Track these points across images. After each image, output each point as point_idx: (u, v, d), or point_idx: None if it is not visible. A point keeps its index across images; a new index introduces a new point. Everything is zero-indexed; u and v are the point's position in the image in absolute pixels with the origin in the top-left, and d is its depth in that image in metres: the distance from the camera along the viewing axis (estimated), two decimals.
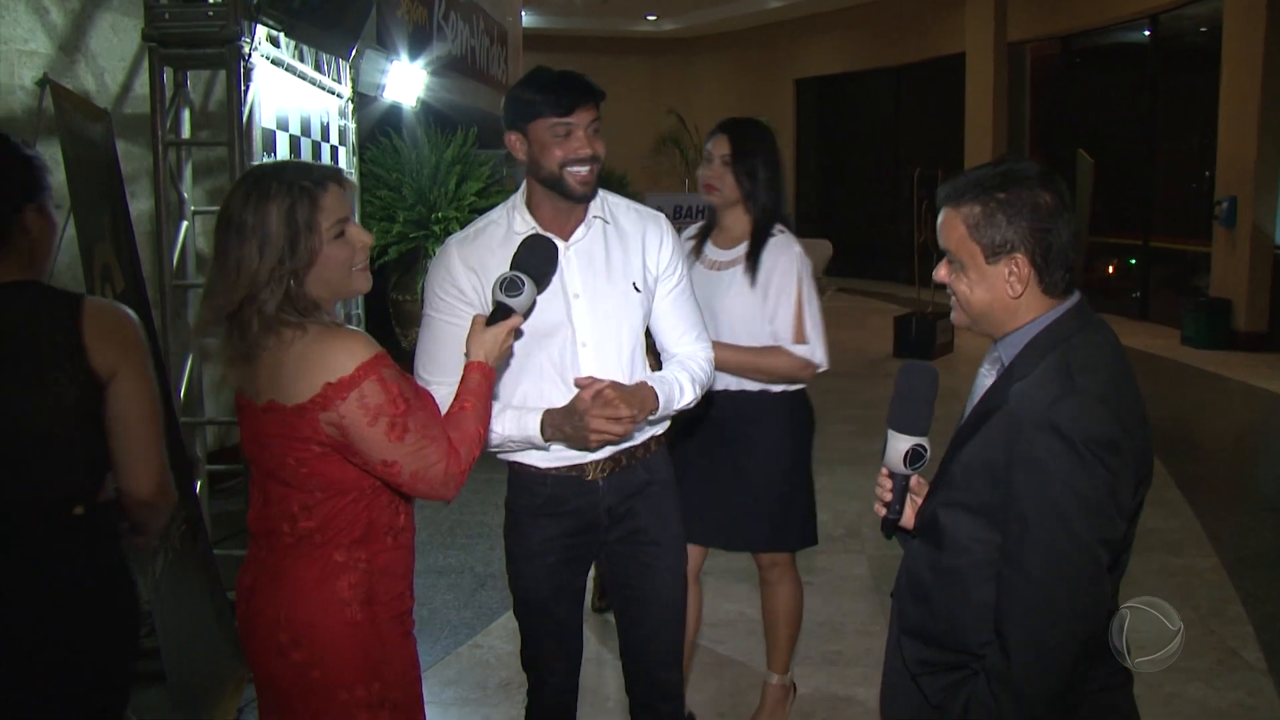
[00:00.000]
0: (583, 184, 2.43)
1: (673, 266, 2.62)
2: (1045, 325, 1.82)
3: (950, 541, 1.86)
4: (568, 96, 2.39)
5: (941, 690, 1.90)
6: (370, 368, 1.95)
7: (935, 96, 17.64)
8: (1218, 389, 9.53)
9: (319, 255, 1.98)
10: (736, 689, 3.95)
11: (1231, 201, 11.09)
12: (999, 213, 1.79)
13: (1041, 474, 1.68)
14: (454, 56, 11.49)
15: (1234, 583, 4.92)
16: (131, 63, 5.75)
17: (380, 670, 2.07)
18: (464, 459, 2.07)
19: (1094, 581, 1.72)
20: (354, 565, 2.05)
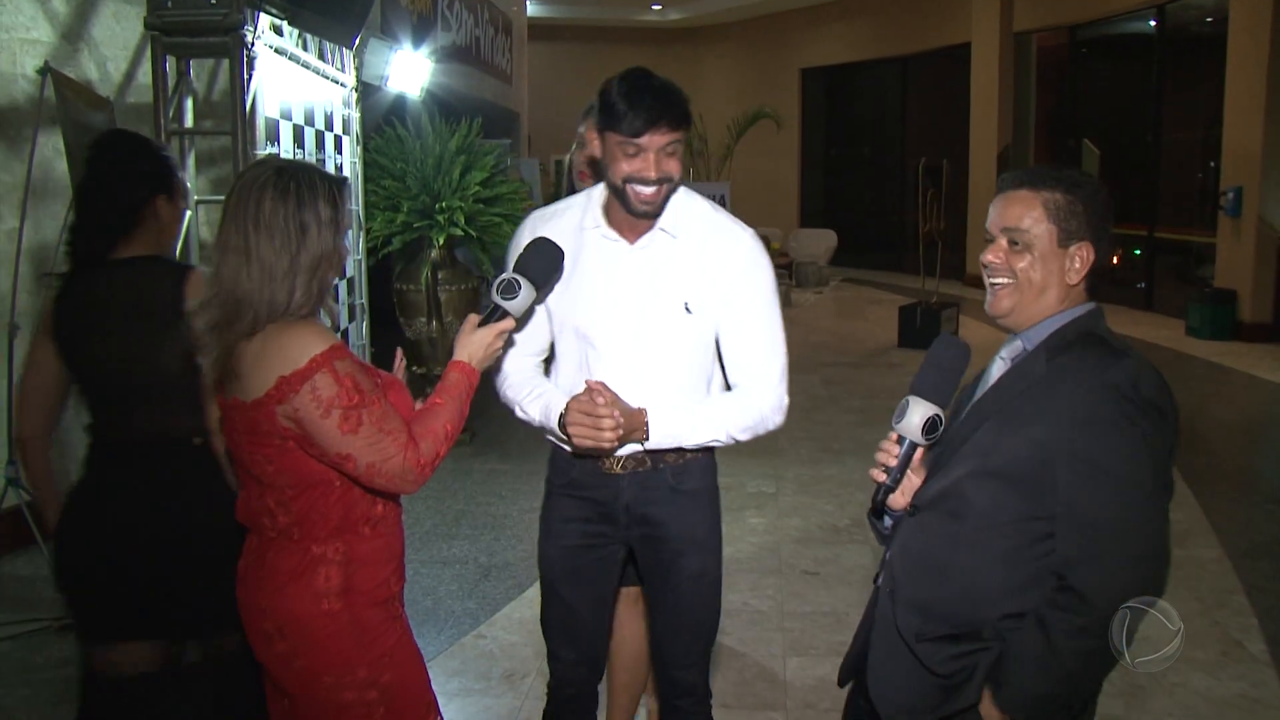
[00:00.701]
0: (644, 203, 2.37)
1: (738, 292, 2.48)
2: (1074, 318, 1.95)
3: (976, 512, 1.92)
4: (642, 119, 2.30)
5: (950, 659, 1.92)
6: (323, 360, 1.94)
7: (941, 86, 17.60)
8: (1222, 380, 9.51)
9: (344, 257, 2.07)
10: (742, 679, 3.95)
11: (1237, 192, 11.05)
12: (1079, 204, 1.93)
13: (1106, 434, 1.79)
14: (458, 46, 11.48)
15: (1238, 574, 4.91)
16: (134, 51, 5.74)
17: (363, 656, 2.08)
18: (424, 453, 2.04)
19: (1162, 526, 1.82)
20: (330, 557, 2.05)
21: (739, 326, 2.50)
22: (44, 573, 4.52)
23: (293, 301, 1.97)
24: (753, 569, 4.98)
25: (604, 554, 2.63)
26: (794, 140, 20.43)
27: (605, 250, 2.48)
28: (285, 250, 1.96)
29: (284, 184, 1.97)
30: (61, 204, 5.05)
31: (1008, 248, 1.96)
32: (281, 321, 1.97)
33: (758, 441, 2.74)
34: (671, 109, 2.32)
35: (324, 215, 1.99)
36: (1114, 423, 1.79)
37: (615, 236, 2.47)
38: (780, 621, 4.43)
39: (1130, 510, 1.79)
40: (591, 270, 2.48)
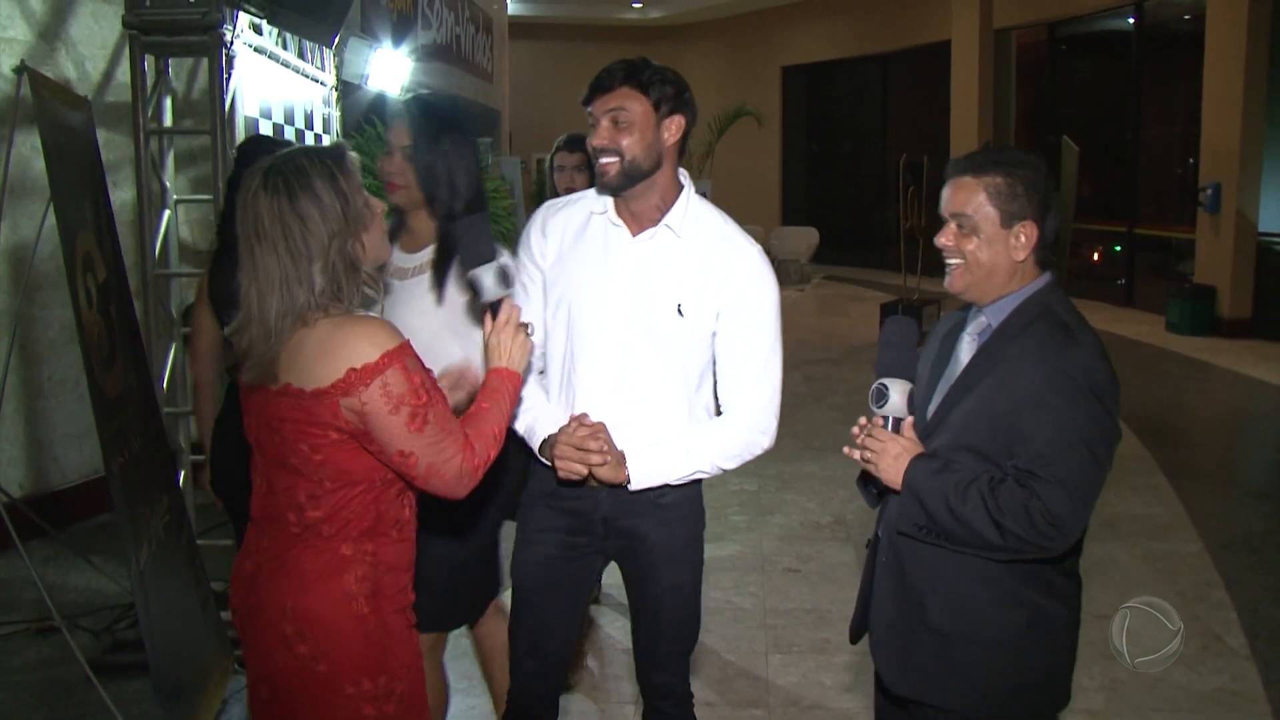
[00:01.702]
0: (601, 173, 2.41)
1: (739, 309, 2.46)
2: (1031, 293, 2.12)
3: (959, 469, 2.06)
4: (590, 87, 2.38)
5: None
6: (395, 355, 1.93)
7: (922, 83, 17.64)
8: (1202, 375, 9.57)
9: (367, 221, 2.00)
10: (725, 677, 3.95)
11: (1216, 188, 11.12)
12: (1019, 185, 2.08)
13: (1050, 411, 1.96)
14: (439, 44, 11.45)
15: (1218, 568, 4.95)
16: (112, 50, 5.70)
17: (386, 664, 2.04)
18: (479, 455, 2.04)
19: (1096, 489, 2.01)
20: (361, 559, 2.02)
21: (734, 343, 2.49)
22: (23, 574, 4.49)
23: (314, 296, 1.93)
24: (735, 567, 4.99)
25: (581, 565, 2.61)
26: (775, 138, 20.44)
27: (609, 236, 2.49)
28: (290, 252, 1.91)
29: (273, 182, 1.92)
30: (39, 203, 5.01)
31: (956, 231, 2.13)
32: (349, 315, 1.96)
33: None
34: (612, 74, 2.37)
35: (324, 196, 1.93)
36: (1054, 409, 1.96)
37: (619, 223, 2.48)
38: (763, 619, 4.44)
39: (1072, 484, 1.95)
40: (591, 254, 2.49)
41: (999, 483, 1.99)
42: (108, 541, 4.79)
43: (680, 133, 2.45)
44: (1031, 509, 1.93)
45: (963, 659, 2.11)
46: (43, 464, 5.48)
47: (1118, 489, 6.14)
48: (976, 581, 2.09)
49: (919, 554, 2.13)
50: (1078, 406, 1.95)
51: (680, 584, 2.60)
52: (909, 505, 2.08)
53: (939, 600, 2.13)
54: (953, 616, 2.11)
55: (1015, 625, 2.08)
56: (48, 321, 5.44)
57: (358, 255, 1.99)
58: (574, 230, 2.52)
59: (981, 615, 2.10)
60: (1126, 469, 6.53)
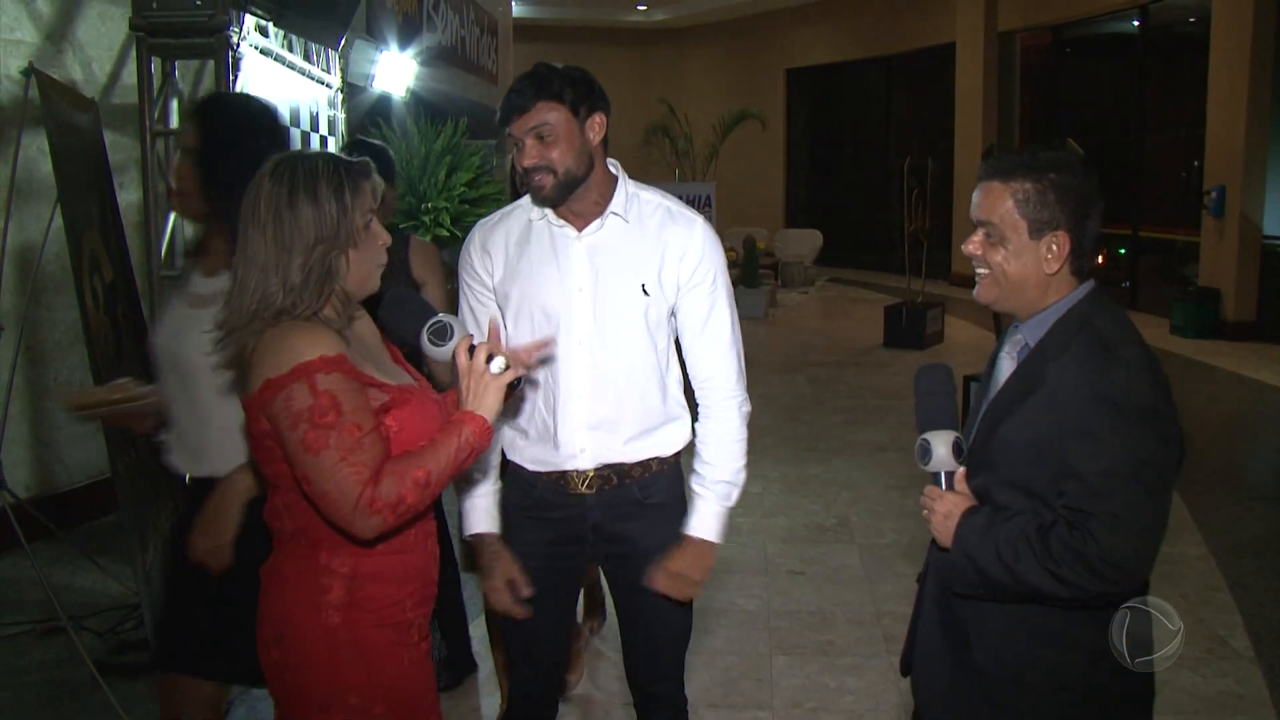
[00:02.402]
0: (535, 189, 2.38)
1: (699, 278, 2.48)
2: (1070, 306, 1.94)
3: (1010, 518, 1.91)
4: (504, 109, 2.34)
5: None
6: (306, 369, 1.83)
7: (926, 86, 17.65)
8: (1206, 378, 9.56)
9: (359, 240, 1.94)
10: (729, 679, 3.96)
11: (1220, 191, 11.11)
12: (1050, 192, 1.91)
13: (1093, 440, 1.79)
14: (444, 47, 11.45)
15: (1222, 571, 4.94)
16: (119, 52, 5.72)
17: (357, 680, 1.96)
18: (382, 495, 1.83)
19: (1159, 521, 1.84)
20: (336, 569, 1.95)
21: (700, 316, 2.51)
22: (29, 575, 4.50)
23: (287, 291, 1.87)
24: (739, 569, 4.99)
25: (568, 574, 2.61)
26: (779, 140, 20.45)
27: (555, 237, 2.46)
28: (275, 240, 1.88)
29: (280, 173, 1.91)
30: (45, 204, 5.03)
31: (984, 240, 1.98)
32: (290, 321, 1.88)
33: None
34: (523, 93, 2.32)
35: (323, 197, 1.89)
36: (1098, 437, 1.80)
37: (561, 224, 2.46)
38: (767, 621, 4.44)
39: (1121, 520, 1.78)
40: (542, 257, 2.47)
41: (1049, 528, 1.81)
42: (113, 542, 4.80)
43: (603, 129, 2.41)
44: (1088, 554, 1.76)
45: (1010, 701, 1.96)
46: (49, 465, 5.49)
47: None
48: (1023, 625, 1.93)
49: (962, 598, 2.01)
50: (1123, 434, 1.78)
51: None
52: (962, 566, 1.92)
53: (985, 641, 1.98)
54: (1000, 660, 1.96)
55: (1072, 669, 1.92)
56: (54, 322, 5.45)
57: (338, 268, 1.93)
58: (515, 240, 2.49)
59: (1032, 657, 1.94)
60: None
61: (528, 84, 2.33)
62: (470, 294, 2.57)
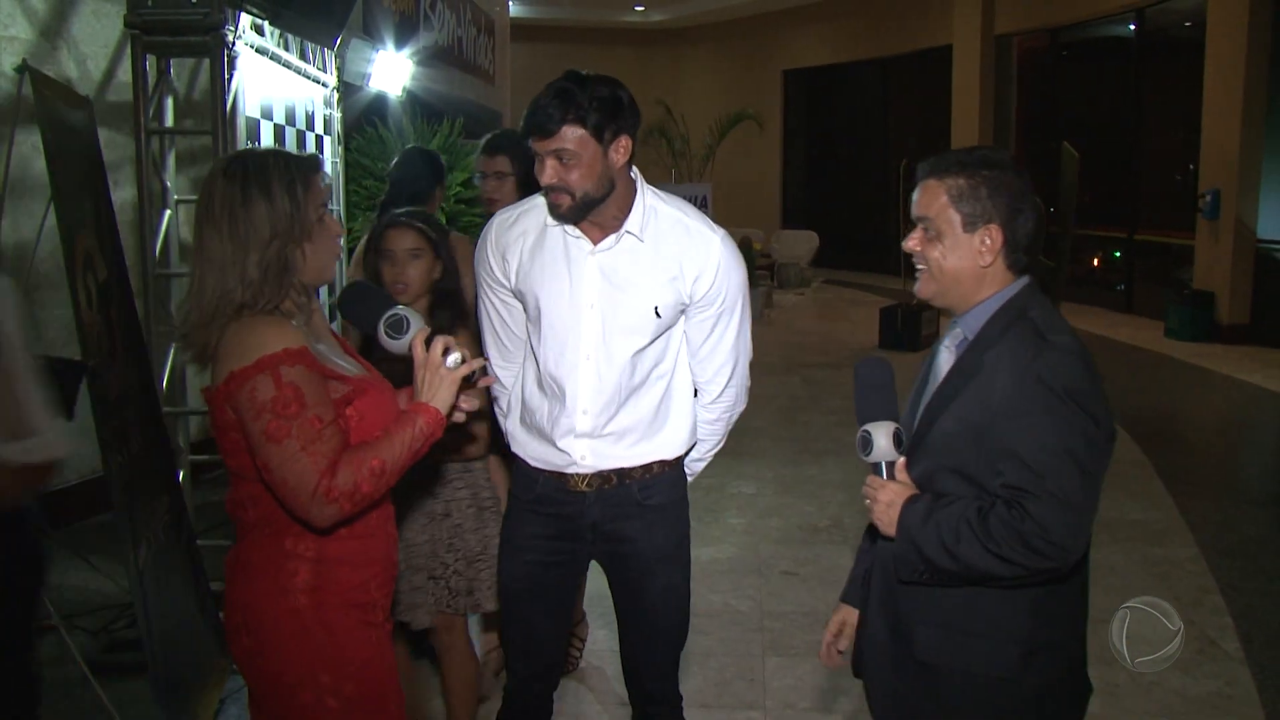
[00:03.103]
0: (554, 208, 2.38)
1: (710, 299, 2.48)
2: (1007, 299, 2.00)
3: (950, 504, 1.95)
4: (525, 123, 2.32)
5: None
6: (270, 361, 1.88)
7: (922, 88, 17.66)
8: (1200, 381, 9.58)
9: (313, 232, 1.99)
10: (722, 679, 3.96)
11: (1215, 194, 11.13)
12: (982, 187, 1.97)
13: (1028, 419, 1.85)
14: (440, 46, 11.45)
15: (1213, 573, 4.96)
16: (114, 50, 5.72)
17: (327, 660, 2.01)
18: (339, 484, 1.89)
19: (1091, 497, 1.86)
20: (301, 554, 1.99)
21: (711, 329, 2.53)
22: None
23: (245, 286, 1.92)
24: (733, 569, 4.99)
25: (567, 570, 2.62)
26: (776, 141, 20.46)
27: (570, 247, 2.46)
28: (231, 237, 1.92)
29: (233, 170, 1.96)
30: (39, 203, 5.01)
31: (923, 235, 2.05)
32: (253, 315, 1.93)
33: (738, 443, 2.76)
34: (548, 115, 2.28)
35: (276, 194, 1.94)
36: (1030, 416, 1.85)
37: (579, 235, 2.44)
38: (760, 621, 4.45)
39: (1057, 497, 1.82)
40: (554, 266, 2.47)
41: (989, 510, 1.86)
42: (106, 541, 4.78)
43: (628, 152, 2.37)
44: (1025, 531, 1.81)
45: (947, 693, 2.01)
46: None
47: (1114, 494, 6.14)
48: (963, 613, 1.98)
49: (912, 586, 2.03)
50: (1055, 413, 1.84)
51: (671, 586, 2.61)
52: (907, 553, 1.95)
53: (928, 632, 2.02)
54: (938, 649, 2.01)
55: (1006, 660, 1.96)
56: (48, 320, 5.44)
57: (295, 261, 1.97)
58: (530, 243, 2.49)
59: (971, 648, 1.98)
60: (1123, 474, 6.54)
61: (555, 104, 2.28)
62: (490, 291, 2.60)
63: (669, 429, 2.55)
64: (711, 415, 2.65)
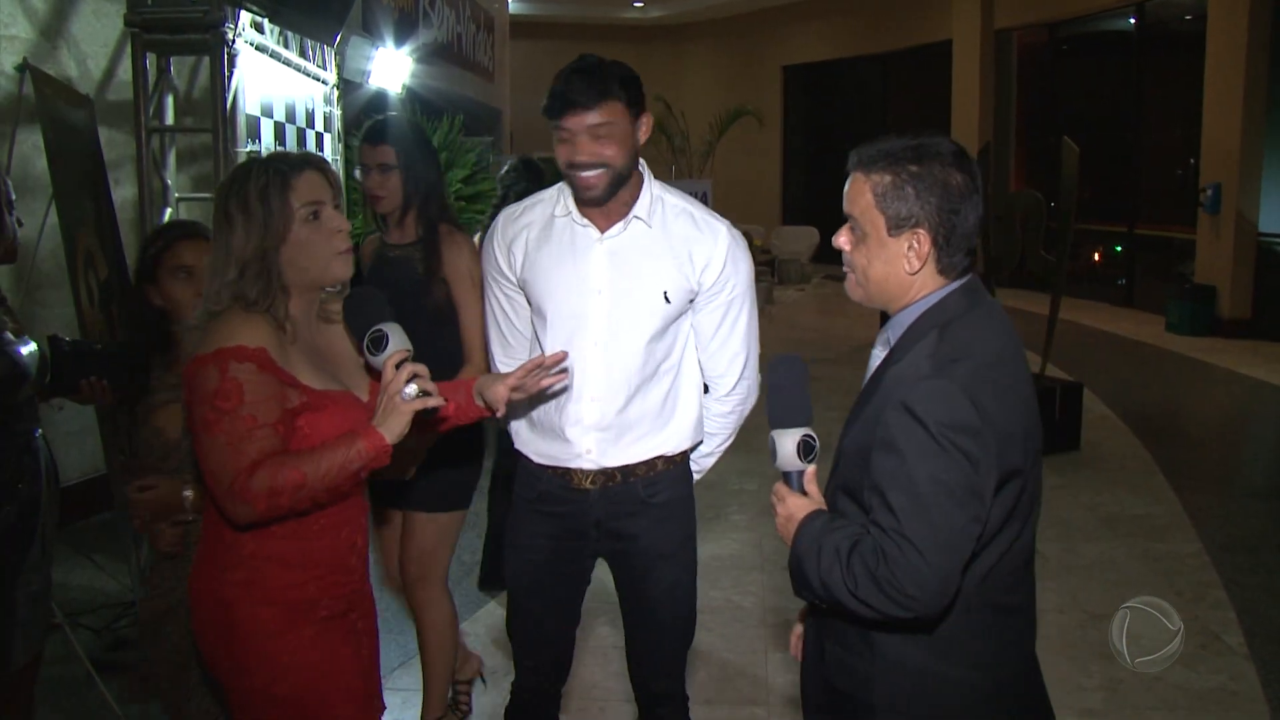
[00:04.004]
0: (585, 188, 2.37)
1: (718, 288, 2.48)
2: (928, 308, 1.79)
3: (841, 527, 1.80)
4: (560, 101, 2.31)
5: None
6: (221, 355, 1.91)
7: (922, 83, 17.65)
8: (1202, 376, 9.58)
9: (290, 234, 2.00)
10: (724, 676, 3.96)
11: (1216, 188, 11.13)
12: (909, 185, 1.76)
13: (895, 455, 1.66)
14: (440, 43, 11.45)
15: (1216, 568, 4.95)
16: (114, 48, 5.71)
17: (255, 657, 2.01)
18: (254, 486, 1.87)
19: (955, 544, 1.65)
20: (238, 547, 2.01)
21: (719, 321, 2.53)
22: None
23: (231, 285, 1.98)
24: (735, 566, 4.99)
25: (573, 568, 2.62)
26: (776, 137, 20.44)
27: (577, 237, 2.47)
28: (219, 250, 2.00)
29: (222, 187, 2.03)
30: (40, 201, 5.01)
31: (850, 234, 1.85)
32: (232, 309, 1.98)
33: (740, 439, 2.76)
34: (586, 89, 2.30)
35: (251, 201, 1.98)
36: (895, 447, 1.67)
37: (586, 223, 2.46)
38: (763, 618, 4.45)
39: (914, 535, 1.63)
40: (561, 256, 2.48)
41: (855, 545, 1.69)
42: (108, 540, 4.79)
43: (649, 130, 2.43)
44: (879, 575, 1.63)
45: (850, 715, 1.86)
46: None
47: (1116, 489, 6.15)
48: (863, 640, 1.81)
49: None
50: (922, 452, 1.63)
51: (677, 584, 2.61)
52: (795, 572, 1.80)
53: (834, 654, 1.88)
54: (842, 673, 1.86)
55: (900, 691, 1.79)
56: (49, 319, 5.44)
57: (273, 263, 2.00)
58: (536, 236, 2.51)
59: (866, 675, 1.82)
60: (1125, 469, 6.54)
61: (587, 80, 2.30)
62: (496, 286, 2.62)
63: (674, 424, 2.55)
64: (725, 408, 2.64)
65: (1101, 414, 7.92)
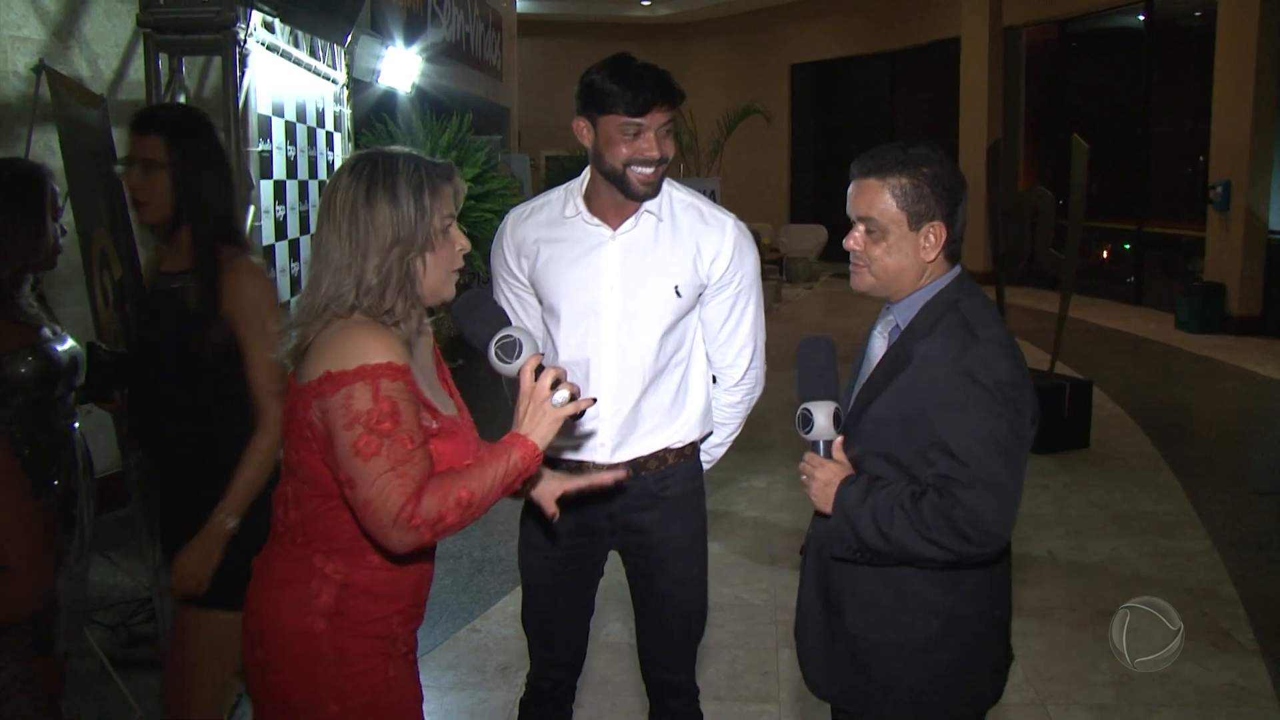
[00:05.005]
0: (645, 184, 2.41)
1: (726, 280, 2.53)
2: (939, 290, 2.07)
3: (886, 486, 2.02)
4: (644, 96, 2.34)
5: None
6: (371, 372, 1.79)
7: (931, 81, 17.63)
8: (1211, 373, 9.56)
9: (437, 243, 1.91)
10: (734, 672, 3.98)
11: (1226, 185, 11.10)
12: (925, 185, 2.02)
13: (959, 412, 1.92)
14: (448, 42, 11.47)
15: (1226, 565, 4.95)
16: (126, 49, 5.74)
17: (337, 688, 1.91)
18: (424, 511, 1.78)
19: (1017, 488, 1.95)
20: (329, 574, 1.91)
21: (727, 314, 2.57)
22: None
23: (361, 289, 1.84)
24: (745, 562, 5.01)
25: (587, 564, 2.65)
26: (784, 135, 20.44)
27: (589, 235, 2.50)
28: (350, 238, 1.84)
29: (359, 169, 1.87)
30: None
31: (864, 235, 2.08)
32: (363, 318, 1.85)
33: (749, 436, 2.78)
34: (669, 87, 2.38)
35: (403, 198, 1.85)
36: (961, 409, 1.91)
37: (598, 222, 2.49)
38: (773, 614, 4.46)
39: (986, 487, 1.89)
40: (573, 255, 2.50)
41: (920, 496, 1.94)
42: (124, 536, 4.82)
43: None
44: (955, 518, 1.89)
45: (873, 663, 2.09)
46: None
47: (1125, 486, 6.15)
48: (889, 588, 2.07)
49: (840, 562, 2.11)
50: (983, 405, 1.91)
51: (689, 578, 2.63)
52: (841, 531, 2.03)
53: (855, 606, 2.11)
54: (867, 622, 2.09)
55: (927, 631, 2.05)
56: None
57: (415, 272, 1.89)
58: (548, 235, 2.53)
59: (894, 621, 2.07)
60: (1134, 466, 6.54)
61: (663, 80, 2.38)
62: (506, 287, 2.62)
63: (684, 416, 2.58)
64: (734, 398, 2.67)
65: (1111, 411, 7.92)
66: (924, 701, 2.08)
